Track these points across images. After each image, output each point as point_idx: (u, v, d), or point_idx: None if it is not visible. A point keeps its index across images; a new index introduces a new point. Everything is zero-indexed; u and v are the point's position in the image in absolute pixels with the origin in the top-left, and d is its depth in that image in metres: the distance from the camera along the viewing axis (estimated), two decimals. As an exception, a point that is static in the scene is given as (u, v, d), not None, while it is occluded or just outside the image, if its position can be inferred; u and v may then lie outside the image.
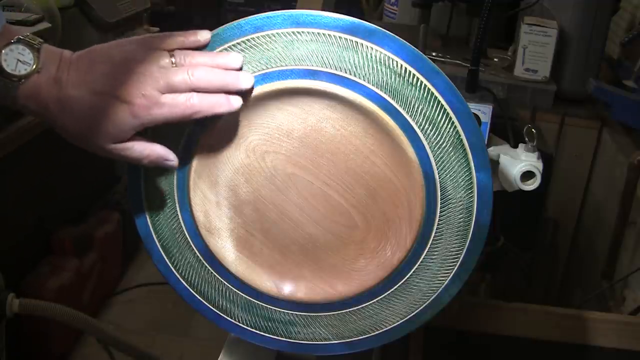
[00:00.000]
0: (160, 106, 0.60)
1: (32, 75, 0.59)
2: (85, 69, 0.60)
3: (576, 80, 1.74)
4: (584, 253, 1.80)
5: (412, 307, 0.69)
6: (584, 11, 1.71)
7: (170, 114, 0.60)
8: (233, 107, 0.62)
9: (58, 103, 0.60)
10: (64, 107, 0.60)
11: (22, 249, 1.78)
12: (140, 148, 0.62)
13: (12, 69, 0.59)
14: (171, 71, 0.60)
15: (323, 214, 0.67)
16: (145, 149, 0.62)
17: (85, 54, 0.61)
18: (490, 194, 0.65)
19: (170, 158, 0.64)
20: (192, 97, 0.60)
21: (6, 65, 0.59)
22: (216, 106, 0.61)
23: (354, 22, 0.62)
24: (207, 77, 0.61)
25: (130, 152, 0.62)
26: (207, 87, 0.61)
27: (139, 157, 0.62)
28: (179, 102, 0.60)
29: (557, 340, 1.16)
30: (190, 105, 0.60)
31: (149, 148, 0.62)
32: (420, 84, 0.63)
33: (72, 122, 0.60)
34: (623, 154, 1.60)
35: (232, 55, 0.63)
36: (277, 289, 0.69)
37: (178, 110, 0.60)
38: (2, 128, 1.60)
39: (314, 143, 0.65)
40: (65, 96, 0.59)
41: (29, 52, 0.59)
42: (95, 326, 1.43)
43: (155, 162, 0.63)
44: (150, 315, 2.12)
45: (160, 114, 0.60)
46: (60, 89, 0.59)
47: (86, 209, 2.15)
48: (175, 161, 0.64)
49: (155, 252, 0.71)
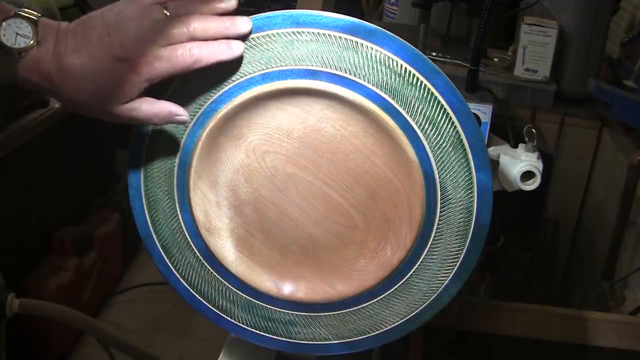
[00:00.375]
0: (161, 60, 0.59)
1: (32, 48, 0.59)
2: (81, 35, 0.60)
3: (576, 80, 1.74)
4: (584, 253, 1.80)
5: (412, 307, 0.69)
6: (584, 11, 1.71)
7: (172, 67, 0.60)
8: (234, 53, 0.61)
9: (59, 73, 0.59)
10: (66, 76, 0.59)
11: (22, 248, 1.78)
12: (147, 107, 0.61)
13: (12, 42, 0.58)
14: (167, 24, 0.60)
15: (323, 214, 0.67)
16: (153, 107, 0.61)
17: (79, 21, 0.61)
18: (490, 194, 0.65)
19: (180, 113, 0.63)
20: (192, 47, 0.60)
21: (5, 40, 0.58)
22: (217, 53, 0.61)
23: (354, 22, 0.62)
24: (204, 25, 0.60)
25: (138, 112, 0.61)
26: (205, 35, 0.60)
27: (147, 116, 0.61)
28: (179, 54, 0.59)
29: (557, 340, 1.16)
30: (191, 55, 0.59)
31: (157, 106, 0.62)
32: (420, 84, 0.63)
33: (76, 90, 0.60)
34: (623, 154, 1.60)
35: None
36: (277, 289, 0.69)
37: (179, 62, 0.59)
38: (2, 128, 1.60)
39: (314, 143, 0.65)
40: (66, 64, 0.59)
41: (27, 25, 0.59)
42: (95, 326, 1.43)
43: (166, 118, 0.62)
44: (150, 315, 2.12)
45: (162, 67, 0.59)
46: (59, 58, 0.59)
47: (86, 209, 2.15)
48: (186, 115, 0.63)
49: (155, 252, 0.71)
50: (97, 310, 2.07)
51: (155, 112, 0.62)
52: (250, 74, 0.64)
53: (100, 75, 0.59)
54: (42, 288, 1.73)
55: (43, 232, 1.90)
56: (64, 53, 0.59)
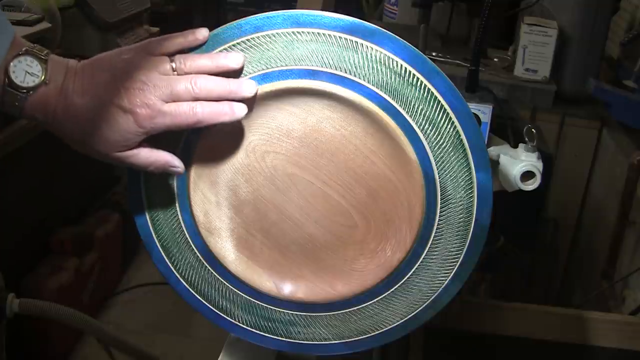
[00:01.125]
0: (163, 115, 0.60)
1: (40, 86, 0.60)
2: (89, 78, 0.60)
3: (576, 80, 1.74)
4: (584, 253, 1.80)
5: (412, 307, 0.69)
6: (584, 11, 1.71)
7: (173, 123, 0.60)
8: (236, 115, 0.62)
9: (64, 112, 0.60)
10: (70, 116, 0.60)
11: (22, 249, 1.78)
12: (145, 155, 0.62)
13: (21, 80, 0.59)
14: (173, 80, 0.60)
15: (323, 214, 0.67)
16: (150, 156, 0.63)
17: (89, 63, 0.62)
18: (490, 194, 0.65)
19: (175, 164, 0.64)
20: (195, 107, 0.60)
21: (15, 77, 0.59)
22: (220, 115, 0.61)
23: (354, 22, 0.62)
24: (209, 85, 0.61)
25: (136, 159, 0.62)
26: (209, 97, 0.61)
27: (144, 164, 0.63)
28: (182, 111, 0.60)
29: (557, 340, 1.16)
30: (194, 114, 0.60)
31: (154, 155, 0.63)
32: (420, 84, 0.62)
33: (79, 131, 0.61)
34: (623, 154, 1.60)
35: (232, 56, 0.63)
36: (277, 289, 0.69)
37: (181, 119, 0.60)
38: (2, 128, 1.60)
39: (314, 143, 0.65)
40: (71, 105, 0.60)
41: (37, 63, 0.60)
42: (95, 326, 1.43)
43: (161, 168, 0.63)
44: (150, 315, 2.12)
45: (163, 122, 0.60)
46: (66, 98, 0.60)
47: (86, 209, 2.15)
48: (181, 167, 0.64)
49: (155, 252, 0.71)
50: (97, 310, 2.07)
51: (152, 162, 0.63)
52: (250, 74, 0.64)
53: (103, 121, 0.60)
54: (42, 288, 1.73)
55: (43, 232, 1.90)
56: (71, 93, 0.60)
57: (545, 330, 1.16)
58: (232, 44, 0.63)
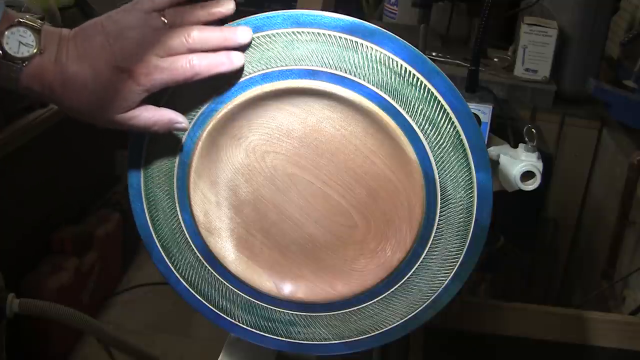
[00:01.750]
0: (161, 71, 0.59)
1: (35, 57, 0.59)
2: (82, 43, 0.60)
3: (576, 80, 1.74)
4: (584, 253, 1.80)
5: (412, 307, 0.69)
6: (584, 11, 1.71)
7: (172, 78, 0.60)
8: (235, 64, 0.61)
9: (61, 81, 0.60)
10: (67, 84, 0.60)
11: (22, 248, 1.79)
12: (147, 115, 0.62)
13: (15, 51, 0.59)
14: (167, 34, 0.60)
15: (323, 213, 0.67)
16: (153, 115, 0.62)
17: (80, 29, 0.61)
18: (490, 194, 0.65)
19: (179, 120, 0.63)
20: (192, 59, 0.60)
21: (9, 48, 0.59)
22: (218, 65, 0.61)
23: (354, 22, 0.62)
24: (204, 35, 0.60)
25: (138, 120, 0.61)
26: (205, 47, 0.60)
27: (147, 124, 0.62)
28: (179, 65, 0.60)
29: (557, 340, 1.16)
30: (191, 67, 0.60)
31: (157, 114, 0.62)
32: (420, 84, 0.63)
33: (77, 98, 0.60)
34: (623, 154, 1.60)
35: (223, 1, 0.62)
36: (277, 289, 0.69)
37: (179, 73, 0.60)
38: (2, 128, 1.60)
39: (314, 143, 0.65)
40: (67, 73, 0.59)
41: (31, 33, 0.59)
42: (95, 326, 1.43)
43: (165, 126, 0.63)
44: (150, 315, 2.12)
45: (161, 78, 0.60)
46: (61, 66, 0.60)
47: (86, 209, 2.15)
48: (186, 123, 0.63)
49: (155, 252, 0.71)
50: (97, 310, 2.07)
51: (155, 120, 0.62)
52: (250, 74, 0.64)
53: (100, 84, 0.59)
54: (42, 288, 1.73)
55: (43, 232, 1.90)
56: (65, 61, 0.60)
57: (545, 330, 1.16)
58: (232, 44, 0.63)
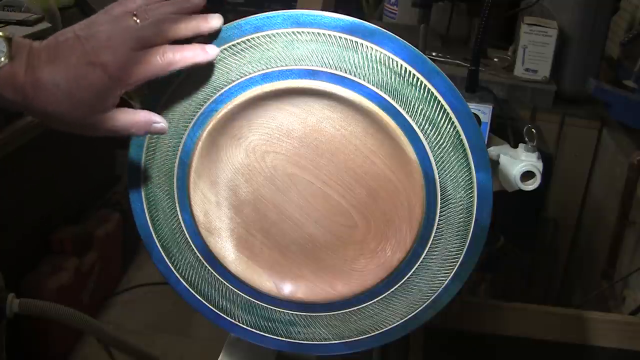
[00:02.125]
0: (135, 64, 0.59)
1: (5, 65, 0.58)
2: (54, 47, 0.59)
3: (576, 80, 1.74)
4: (584, 253, 1.80)
5: (412, 307, 0.69)
6: (584, 11, 1.71)
7: (147, 70, 0.59)
8: (209, 55, 0.61)
9: (33, 85, 0.59)
10: (40, 88, 0.59)
11: (22, 249, 1.78)
12: (125, 116, 0.61)
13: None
14: (139, 27, 0.59)
15: (323, 213, 0.67)
16: (131, 117, 0.61)
17: (51, 37, 0.61)
18: (490, 194, 0.65)
19: (157, 120, 0.62)
20: (165, 50, 0.59)
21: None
22: (193, 56, 0.61)
23: (354, 22, 0.62)
24: (175, 26, 0.60)
25: (115, 121, 0.61)
26: (177, 35, 0.60)
27: (125, 126, 0.61)
28: (153, 57, 0.59)
29: (557, 340, 1.16)
30: (165, 57, 0.59)
31: (135, 116, 0.61)
32: (420, 84, 0.63)
33: (51, 102, 0.59)
34: (623, 154, 1.60)
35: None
36: (277, 289, 0.69)
37: (154, 67, 0.59)
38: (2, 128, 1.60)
39: (314, 143, 0.65)
40: (40, 76, 0.59)
41: (1, 41, 0.59)
42: (95, 326, 1.43)
43: (144, 128, 0.62)
44: (150, 315, 2.12)
45: (137, 71, 0.59)
46: (33, 70, 0.59)
47: (86, 209, 2.15)
48: (164, 123, 0.63)
49: (155, 252, 0.71)
50: (97, 310, 2.07)
51: (134, 122, 0.61)
52: (250, 74, 0.64)
53: (75, 83, 0.58)
54: (42, 288, 1.73)
55: (43, 232, 1.90)
56: (37, 66, 0.59)
57: (545, 330, 1.16)
58: (232, 43, 0.63)
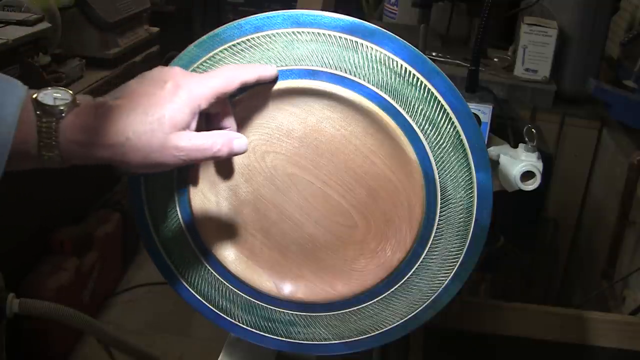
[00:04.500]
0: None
1: (72, 107, 0.56)
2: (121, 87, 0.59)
3: (576, 80, 1.74)
4: (584, 253, 1.80)
5: (412, 307, 0.69)
6: (584, 11, 1.71)
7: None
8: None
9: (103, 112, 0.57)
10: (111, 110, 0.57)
11: (22, 249, 1.78)
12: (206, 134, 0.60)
13: (51, 104, 0.56)
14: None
15: (323, 214, 0.67)
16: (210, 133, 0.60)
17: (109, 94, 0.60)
18: (490, 194, 0.65)
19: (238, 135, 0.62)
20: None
21: (45, 101, 0.56)
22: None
23: (354, 22, 0.62)
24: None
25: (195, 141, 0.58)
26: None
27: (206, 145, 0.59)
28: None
29: (557, 340, 1.16)
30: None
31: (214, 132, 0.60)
32: (420, 84, 0.63)
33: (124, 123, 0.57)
34: (623, 154, 1.60)
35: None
36: (277, 289, 0.69)
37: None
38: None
39: (314, 143, 0.65)
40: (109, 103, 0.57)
41: (64, 90, 0.57)
42: (95, 326, 1.43)
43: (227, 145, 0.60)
44: (150, 315, 2.12)
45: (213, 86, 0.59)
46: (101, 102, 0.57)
47: (86, 209, 2.15)
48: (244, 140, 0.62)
49: (155, 252, 0.71)
50: (97, 310, 2.07)
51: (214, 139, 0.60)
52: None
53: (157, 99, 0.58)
54: (42, 288, 1.73)
55: (43, 232, 1.90)
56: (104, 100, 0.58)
57: (545, 330, 1.16)
58: (232, 44, 0.63)
